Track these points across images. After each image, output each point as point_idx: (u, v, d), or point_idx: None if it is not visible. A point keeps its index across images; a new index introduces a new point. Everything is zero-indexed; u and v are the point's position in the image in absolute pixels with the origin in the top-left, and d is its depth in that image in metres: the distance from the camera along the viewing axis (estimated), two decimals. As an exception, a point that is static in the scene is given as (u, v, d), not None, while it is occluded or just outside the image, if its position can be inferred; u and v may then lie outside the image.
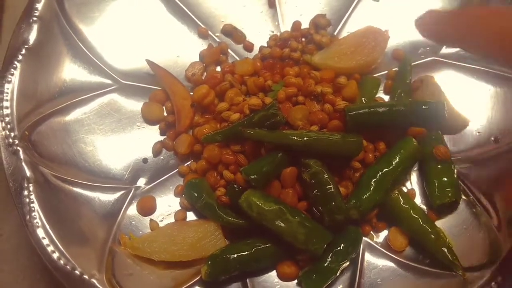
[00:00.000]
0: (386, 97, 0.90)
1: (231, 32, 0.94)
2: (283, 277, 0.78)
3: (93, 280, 0.74)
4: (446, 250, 0.77)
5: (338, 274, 0.77)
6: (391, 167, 0.79)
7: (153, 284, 0.77)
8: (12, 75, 0.83)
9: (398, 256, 0.80)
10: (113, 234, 0.79)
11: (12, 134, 0.80)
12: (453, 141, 0.86)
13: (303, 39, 0.93)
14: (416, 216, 0.79)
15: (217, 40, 0.93)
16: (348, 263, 0.78)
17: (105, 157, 0.84)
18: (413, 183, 0.85)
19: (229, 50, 0.93)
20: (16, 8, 0.98)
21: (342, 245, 0.77)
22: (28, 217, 0.76)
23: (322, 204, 0.76)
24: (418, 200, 0.84)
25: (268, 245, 0.77)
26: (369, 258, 0.80)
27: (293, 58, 0.90)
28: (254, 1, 0.95)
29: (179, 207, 0.83)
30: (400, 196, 0.80)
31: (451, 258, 0.77)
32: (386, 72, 0.91)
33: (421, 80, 0.89)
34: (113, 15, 0.92)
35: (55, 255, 0.75)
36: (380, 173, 0.79)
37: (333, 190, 0.76)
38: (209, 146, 0.81)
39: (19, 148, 0.79)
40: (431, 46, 0.92)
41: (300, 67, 0.88)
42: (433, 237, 0.78)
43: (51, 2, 0.88)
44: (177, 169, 0.85)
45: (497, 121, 0.87)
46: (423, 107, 0.81)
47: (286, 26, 0.94)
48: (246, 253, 0.76)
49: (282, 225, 0.74)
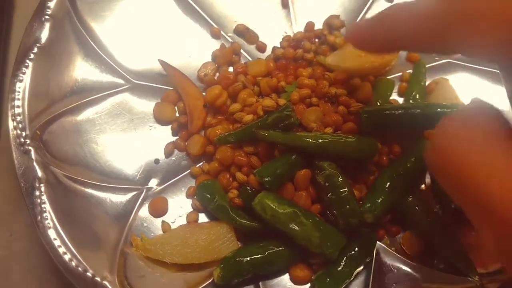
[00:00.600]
0: (400, 99, 0.89)
1: (244, 33, 0.93)
2: (296, 280, 0.78)
3: (105, 282, 0.73)
4: (461, 255, 0.77)
5: (352, 278, 0.76)
6: (406, 170, 0.78)
7: (165, 287, 0.76)
8: (24, 74, 0.82)
9: (412, 260, 0.79)
10: (125, 235, 0.79)
11: (24, 134, 0.79)
12: None
13: (316, 40, 0.92)
14: (431, 220, 0.78)
15: (230, 40, 0.92)
16: (362, 267, 0.77)
17: (116, 158, 0.84)
18: (427, 186, 0.84)
19: (241, 51, 0.92)
20: (26, 6, 0.97)
21: (356, 249, 0.77)
22: (39, 217, 0.75)
23: (336, 207, 0.75)
24: (432, 204, 0.82)
25: (281, 248, 0.76)
26: (383, 262, 0.79)
27: (307, 59, 0.89)
28: (267, 1, 0.94)
29: (191, 209, 0.82)
30: (415, 200, 0.79)
31: (466, 263, 0.76)
32: (400, 74, 0.90)
33: (436, 83, 0.88)
34: (125, 14, 0.91)
35: (67, 257, 0.74)
36: (394, 176, 0.78)
37: (347, 193, 0.75)
38: (222, 148, 0.80)
39: (30, 147, 0.79)
40: None
41: (314, 68, 0.87)
42: (448, 241, 0.77)
43: (63, 0, 0.87)
44: (189, 170, 0.84)
45: (512, 124, 0.85)
46: (439, 109, 0.80)
47: (299, 27, 0.93)
48: (259, 256, 0.76)
49: (296, 228, 0.73)
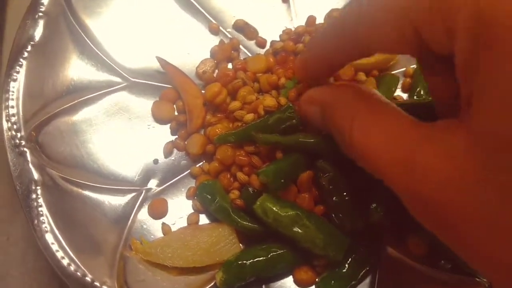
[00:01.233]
0: (404, 95, 0.87)
1: (243, 28, 0.91)
2: (300, 283, 0.76)
3: (105, 287, 0.72)
4: None
5: (357, 280, 0.75)
6: None
7: (166, 291, 0.75)
8: (18, 73, 0.80)
9: (419, 262, 0.77)
10: (124, 238, 0.77)
11: (19, 135, 0.77)
12: None
13: (317, 34, 0.89)
14: None
15: (229, 36, 0.91)
16: (367, 268, 0.76)
17: (114, 158, 0.82)
18: None
19: (241, 46, 0.90)
20: (19, 2, 0.95)
21: (362, 250, 0.75)
22: (36, 221, 0.73)
23: (341, 211, 0.74)
24: None
25: (284, 250, 0.75)
26: (388, 264, 0.77)
27: (307, 53, 0.86)
28: (267, -5, 0.93)
29: (191, 210, 0.81)
30: None
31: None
32: (404, 69, 0.89)
33: None
34: (121, 10, 0.89)
35: (65, 261, 0.72)
36: None
37: (353, 196, 0.73)
38: (222, 147, 0.78)
39: (26, 149, 0.77)
40: None
41: (314, 63, 0.85)
42: None
43: (57, -4, 0.85)
44: (189, 170, 0.83)
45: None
46: None
47: (299, 21, 0.92)
48: (262, 258, 0.74)
49: (299, 231, 0.71)
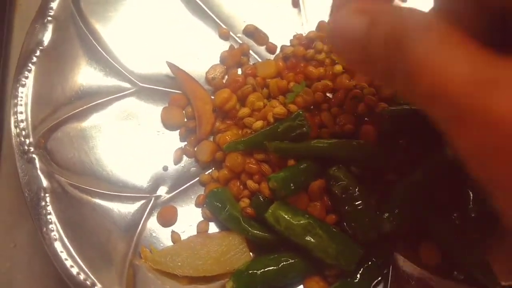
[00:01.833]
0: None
1: (253, 33, 0.90)
2: None
3: (113, 297, 0.72)
4: (483, 266, 0.74)
5: None
6: (427, 179, 0.76)
7: (176, 300, 0.74)
8: (27, 78, 0.79)
9: (431, 271, 0.76)
10: (133, 246, 0.76)
11: (27, 141, 0.77)
12: None
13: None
14: (450, 230, 0.75)
15: (239, 41, 0.90)
16: (379, 278, 0.75)
17: (123, 165, 0.81)
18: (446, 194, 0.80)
19: (250, 52, 0.89)
20: (27, 6, 0.94)
21: (373, 260, 0.75)
22: (44, 229, 0.73)
23: (354, 220, 0.73)
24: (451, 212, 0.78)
25: (295, 259, 0.74)
26: (401, 274, 0.77)
27: (318, 60, 0.86)
28: (277, 1, 0.92)
29: (201, 218, 0.80)
30: (433, 209, 0.76)
31: (488, 274, 0.74)
32: None
33: None
34: (130, 15, 0.89)
35: (74, 270, 0.72)
36: (415, 185, 0.75)
37: (365, 205, 0.73)
38: (232, 154, 0.78)
39: (34, 156, 0.76)
40: None
41: (326, 68, 0.84)
42: (468, 252, 0.75)
43: (66, 1, 0.84)
44: (198, 178, 0.82)
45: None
46: None
47: (310, 27, 0.91)
48: (273, 268, 0.73)
49: (311, 240, 0.71)
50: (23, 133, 0.77)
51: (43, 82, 0.81)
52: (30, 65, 0.80)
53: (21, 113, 0.78)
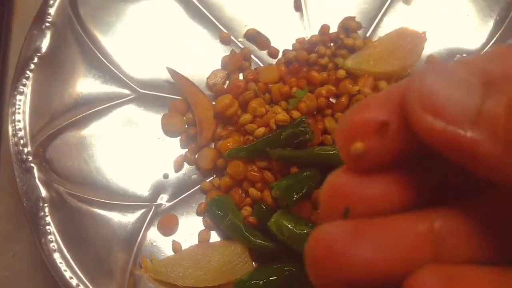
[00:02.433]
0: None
1: (255, 37, 0.89)
2: None
3: (114, 309, 0.71)
4: None
5: None
6: None
7: (177, 310, 0.73)
8: (25, 85, 0.78)
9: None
10: (134, 256, 0.75)
11: (25, 150, 0.75)
12: None
13: (331, 44, 0.88)
14: None
15: (240, 45, 0.89)
16: (384, 287, 0.74)
17: (123, 173, 0.80)
18: None
19: (252, 56, 0.88)
20: (25, 11, 0.93)
21: (379, 269, 0.73)
22: (43, 239, 0.72)
23: None
24: None
25: (298, 269, 0.73)
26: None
27: (321, 64, 0.85)
28: (279, 4, 0.91)
29: (202, 227, 0.79)
30: None
31: None
32: None
33: None
34: (130, 20, 0.87)
35: (74, 282, 0.71)
36: None
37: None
38: (234, 162, 0.77)
39: (33, 165, 0.75)
40: (468, 53, 0.88)
41: (329, 73, 0.84)
42: None
43: (64, 6, 0.83)
44: (199, 185, 0.81)
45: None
46: None
47: (313, 31, 0.90)
48: (276, 278, 0.73)
49: (315, 250, 0.69)
50: (21, 141, 0.76)
51: (42, 90, 0.79)
52: (28, 72, 0.79)
53: (19, 121, 0.77)
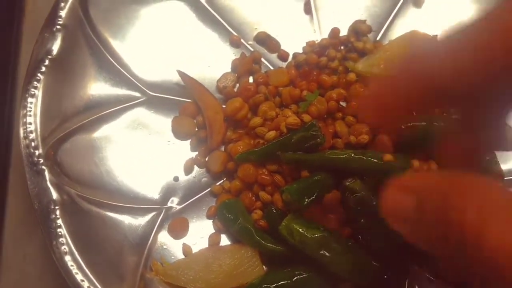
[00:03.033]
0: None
1: (265, 40, 0.89)
2: None
3: (125, 313, 0.71)
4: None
5: None
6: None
7: (188, 314, 0.73)
8: (36, 88, 0.78)
9: (449, 285, 0.76)
10: (144, 259, 0.76)
11: (37, 153, 0.76)
12: (505, 160, 0.82)
13: (342, 47, 0.88)
14: None
15: (250, 49, 0.89)
16: (396, 293, 0.74)
17: (134, 176, 0.81)
18: None
19: (262, 60, 0.89)
20: (36, 14, 0.93)
21: (389, 274, 0.73)
22: (54, 242, 0.72)
23: (370, 233, 0.73)
24: None
25: (309, 273, 0.73)
26: None
27: (331, 67, 0.85)
28: (289, 7, 0.91)
29: (212, 230, 0.79)
30: None
31: None
32: None
33: None
34: (140, 23, 0.88)
35: (85, 284, 0.71)
36: None
37: (381, 218, 0.72)
38: (244, 165, 0.77)
39: (44, 167, 0.75)
40: None
41: (339, 76, 0.84)
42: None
43: (75, 9, 0.83)
44: (209, 189, 0.81)
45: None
46: None
47: (323, 34, 0.90)
48: (286, 282, 0.73)
49: (326, 254, 0.70)
50: (32, 144, 0.76)
51: (52, 92, 0.80)
52: (39, 74, 0.79)
53: (30, 124, 0.77)
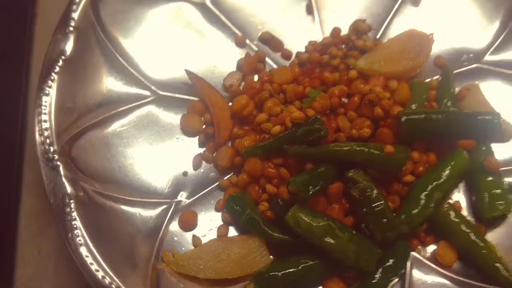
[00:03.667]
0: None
1: (269, 40, 0.93)
2: None
3: (138, 300, 0.74)
4: (499, 266, 0.76)
5: None
6: (441, 181, 0.78)
7: (199, 302, 0.77)
8: (50, 87, 0.82)
9: (447, 271, 0.79)
10: (156, 250, 0.78)
11: (52, 149, 0.79)
12: (502, 152, 0.85)
13: (343, 46, 0.92)
14: (467, 231, 0.78)
15: (255, 48, 0.92)
16: (397, 279, 0.77)
17: (145, 171, 0.84)
18: (459, 195, 0.84)
19: (266, 59, 0.92)
20: (47, 16, 0.96)
21: (391, 260, 0.76)
22: (70, 234, 0.75)
23: (372, 221, 0.75)
24: (464, 213, 0.82)
25: (315, 261, 0.76)
26: (417, 273, 0.79)
27: (333, 65, 0.88)
28: (291, 7, 0.95)
29: (221, 222, 0.82)
30: (450, 210, 0.79)
31: (505, 274, 0.75)
32: (429, 80, 0.90)
33: (467, 89, 0.88)
34: (149, 24, 0.91)
35: (100, 274, 0.73)
36: (430, 187, 0.78)
37: (383, 206, 0.75)
38: (251, 159, 0.80)
39: (59, 163, 0.78)
40: (474, 53, 0.92)
41: (341, 74, 0.87)
42: (484, 252, 0.77)
43: (87, 11, 0.87)
44: (217, 183, 0.84)
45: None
46: (479, 117, 0.81)
47: (325, 33, 0.93)
48: (293, 270, 0.75)
49: (331, 241, 0.73)
50: (48, 141, 0.79)
51: (66, 91, 0.83)
52: (53, 74, 0.82)
53: (45, 121, 0.80)
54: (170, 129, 0.87)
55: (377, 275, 0.76)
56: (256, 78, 0.90)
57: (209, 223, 0.82)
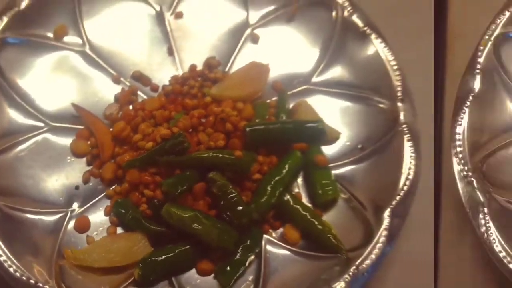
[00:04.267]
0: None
1: (139, 77, 1.09)
2: (202, 273, 0.91)
3: (46, 287, 0.85)
4: (331, 237, 0.92)
5: (247, 265, 0.91)
6: (281, 175, 0.95)
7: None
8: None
9: (294, 247, 0.94)
10: (57, 250, 0.91)
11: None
12: (329, 151, 1.02)
13: (199, 78, 1.08)
14: (304, 213, 0.94)
15: (128, 84, 1.08)
16: (253, 256, 0.92)
17: (43, 187, 0.97)
18: (300, 187, 1.01)
19: (138, 92, 1.07)
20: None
21: (248, 241, 0.92)
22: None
23: (229, 210, 0.90)
24: (305, 201, 0.99)
25: (188, 247, 0.91)
26: (270, 251, 0.93)
27: (192, 93, 1.05)
28: (156, 51, 1.11)
29: (109, 224, 0.96)
30: (290, 198, 0.96)
31: (335, 242, 0.92)
32: (269, 100, 1.07)
33: (299, 105, 1.05)
34: (40, 68, 1.05)
35: (12, 269, 0.85)
36: (273, 181, 0.94)
37: (237, 198, 0.91)
38: (130, 171, 0.94)
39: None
40: (303, 77, 1.10)
41: (199, 100, 1.03)
42: (320, 227, 0.93)
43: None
44: (104, 193, 0.98)
45: (361, 132, 1.04)
46: (307, 125, 0.99)
47: (184, 69, 1.10)
48: (171, 254, 0.89)
49: (198, 227, 0.88)
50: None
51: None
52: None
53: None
54: (62, 153, 1.00)
55: (238, 254, 0.91)
56: (131, 107, 1.05)
57: (100, 226, 0.96)
